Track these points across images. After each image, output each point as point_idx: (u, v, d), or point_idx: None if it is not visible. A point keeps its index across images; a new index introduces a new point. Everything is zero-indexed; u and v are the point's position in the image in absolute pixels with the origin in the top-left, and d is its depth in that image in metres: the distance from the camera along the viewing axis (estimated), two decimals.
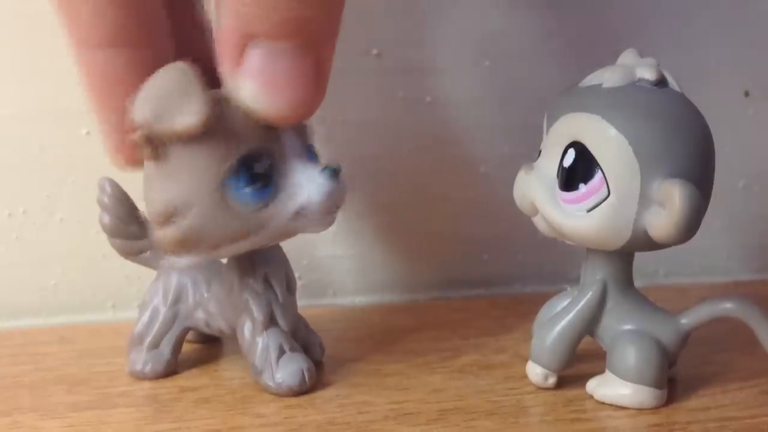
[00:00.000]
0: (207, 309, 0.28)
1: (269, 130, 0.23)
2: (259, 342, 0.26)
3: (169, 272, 0.28)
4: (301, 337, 0.28)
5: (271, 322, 0.26)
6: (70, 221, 0.34)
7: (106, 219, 0.28)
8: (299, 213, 0.24)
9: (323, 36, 0.22)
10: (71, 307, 0.35)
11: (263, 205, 0.23)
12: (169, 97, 0.22)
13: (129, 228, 0.28)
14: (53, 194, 0.34)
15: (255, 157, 0.23)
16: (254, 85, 0.22)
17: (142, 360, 0.28)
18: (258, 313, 0.26)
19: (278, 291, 0.27)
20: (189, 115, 0.22)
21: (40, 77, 0.33)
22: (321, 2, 0.22)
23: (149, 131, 0.22)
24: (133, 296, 0.34)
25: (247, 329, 0.26)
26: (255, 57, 0.22)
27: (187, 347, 0.29)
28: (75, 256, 0.34)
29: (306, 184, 0.24)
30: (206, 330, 0.28)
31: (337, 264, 0.37)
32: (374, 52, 0.35)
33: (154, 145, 0.23)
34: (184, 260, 0.24)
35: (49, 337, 0.32)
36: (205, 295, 0.28)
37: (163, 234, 0.23)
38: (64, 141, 0.33)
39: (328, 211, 0.24)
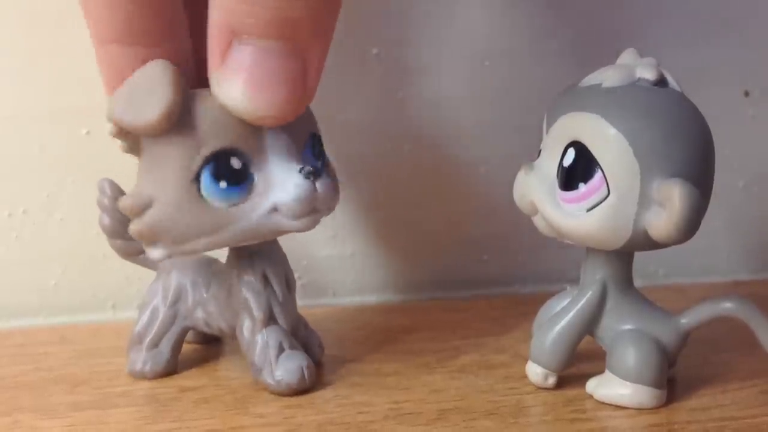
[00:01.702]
0: (206, 309, 0.28)
1: (250, 125, 0.23)
2: (258, 340, 0.26)
3: (168, 272, 0.28)
4: (301, 337, 0.28)
5: (270, 320, 0.26)
6: (70, 221, 0.34)
7: (106, 220, 0.28)
8: (274, 211, 0.24)
9: (313, 38, 0.22)
10: (71, 307, 0.35)
11: (237, 201, 0.23)
12: (136, 94, 0.23)
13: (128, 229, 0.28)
14: (53, 194, 0.34)
15: (231, 153, 0.23)
16: (237, 82, 0.22)
17: (141, 359, 0.28)
18: (257, 311, 0.26)
19: (277, 289, 0.27)
20: (150, 111, 0.22)
21: (40, 77, 0.33)
22: (313, 4, 0.21)
23: (120, 125, 0.23)
24: (134, 296, 0.34)
25: (246, 328, 0.26)
26: (240, 54, 0.22)
27: (187, 348, 0.29)
28: (75, 255, 0.34)
29: (281, 183, 0.23)
30: (206, 329, 0.28)
31: (336, 264, 0.37)
32: (374, 51, 0.35)
33: (127, 139, 0.23)
34: (156, 252, 0.24)
35: (49, 337, 0.32)
36: (205, 295, 0.28)
37: (135, 224, 0.24)
38: (64, 141, 0.33)
39: (304, 212, 0.24)
